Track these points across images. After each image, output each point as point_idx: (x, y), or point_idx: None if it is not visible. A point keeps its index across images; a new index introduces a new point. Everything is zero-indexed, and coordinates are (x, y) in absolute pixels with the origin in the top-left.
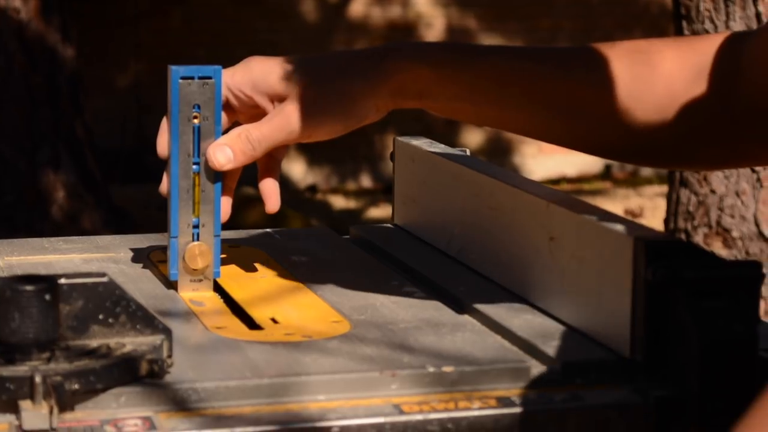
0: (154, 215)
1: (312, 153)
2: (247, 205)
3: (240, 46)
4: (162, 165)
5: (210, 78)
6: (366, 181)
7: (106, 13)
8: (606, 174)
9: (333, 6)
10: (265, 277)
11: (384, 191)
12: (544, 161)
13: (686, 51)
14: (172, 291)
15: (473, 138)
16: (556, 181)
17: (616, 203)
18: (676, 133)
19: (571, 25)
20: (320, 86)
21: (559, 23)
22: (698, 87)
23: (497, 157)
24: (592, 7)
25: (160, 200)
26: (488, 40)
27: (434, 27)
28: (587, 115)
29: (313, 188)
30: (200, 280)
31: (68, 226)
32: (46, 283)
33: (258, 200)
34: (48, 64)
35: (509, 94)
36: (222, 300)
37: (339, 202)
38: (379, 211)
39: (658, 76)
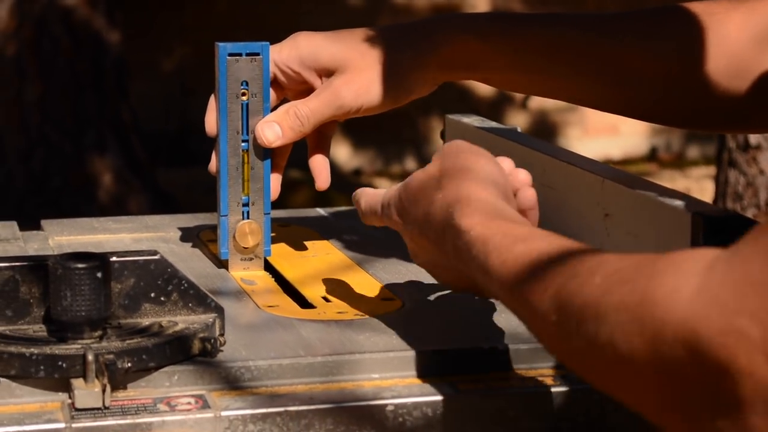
0: (199, 199)
1: (357, 136)
2: (291, 188)
3: (283, 29)
4: (207, 147)
5: (257, 54)
6: (410, 164)
7: None
8: (652, 156)
9: None
10: (316, 256)
11: None
12: (589, 143)
13: (746, 13)
14: (222, 270)
15: (517, 119)
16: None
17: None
18: (734, 96)
19: (616, 7)
20: (368, 59)
21: (604, 4)
22: (758, 50)
23: (541, 138)
24: None
25: (205, 184)
26: None
27: (478, 9)
28: (638, 81)
29: (358, 171)
30: (251, 259)
31: (114, 209)
32: (98, 260)
33: (303, 183)
34: (93, 48)
35: (558, 62)
36: (273, 279)
37: (384, 184)
38: None
39: (717, 39)
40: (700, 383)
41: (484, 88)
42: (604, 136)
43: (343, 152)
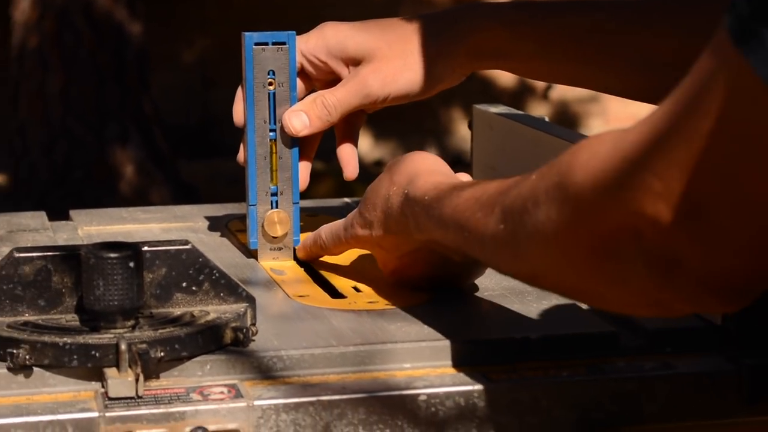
0: (221, 190)
1: (378, 127)
2: (314, 179)
3: (305, 21)
4: (229, 139)
5: (284, 43)
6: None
7: None
8: None
9: None
10: None
11: (450, 164)
12: None
13: None
14: (252, 260)
15: (539, 109)
16: None
17: None
18: None
19: None
20: (395, 49)
21: None
22: None
23: None
24: None
25: (226, 175)
26: None
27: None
28: (669, 68)
29: (379, 162)
30: (280, 249)
31: (136, 201)
32: (130, 250)
33: (325, 173)
34: (115, 40)
35: (585, 49)
36: (302, 268)
37: None
38: None
39: None
40: (621, 237)
41: (505, 78)
42: (626, 125)
43: (364, 143)
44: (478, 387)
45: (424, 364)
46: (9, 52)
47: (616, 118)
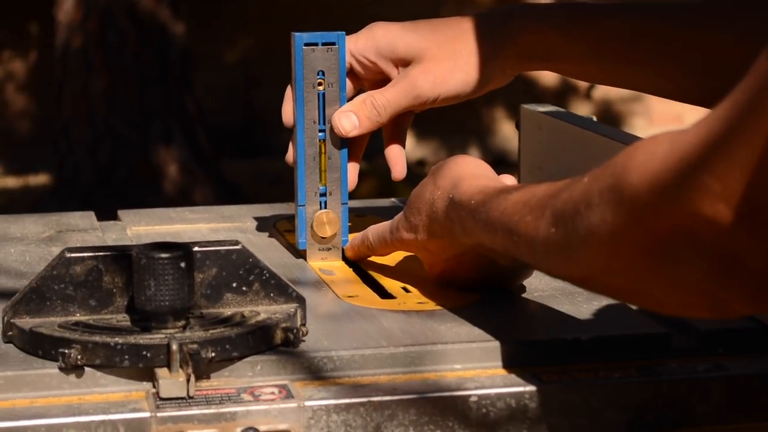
0: (264, 190)
1: (421, 127)
2: (358, 179)
3: (347, 20)
4: (271, 138)
5: (334, 44)
6: (474, 154)
7: None
8: None
9: None
10: None
11: (493, 164)
12: (655, 133)
13: None
14: (300, 260)
15: (582, 109)
16: None
17: None
18: None
19: None
20: (445, 49)
21: None
22: None
23: None
24: None
25: (269, 174)
26: None
27: None
28: (723, 70)
29: (421, 162)
30: (329, 249)
31: (180, 200)
32: (181, 250)
33: (367, 173)
34: (158, 40)
35: (637, 51)
36: (351, 269)
37: None
38: None
39: None
40: (678, 238)
41: (548, 78)
42: (670, 125)
43: (406, 142)
44: (529, 388)
45: (475, 365)
46: (53, 53)
47: (660, 117)
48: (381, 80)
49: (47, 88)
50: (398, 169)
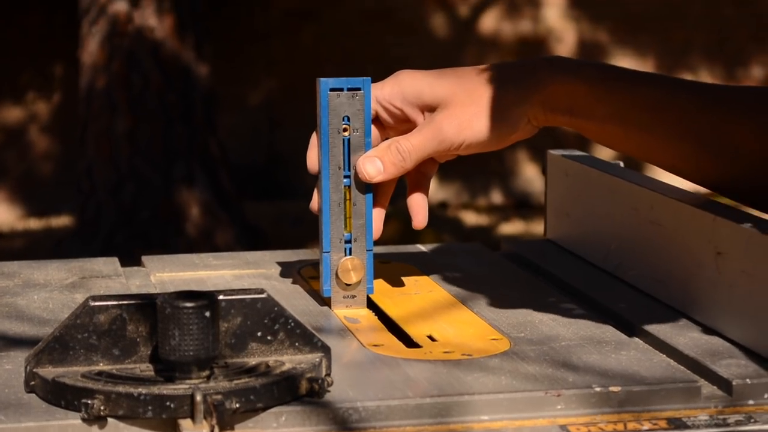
0: (287, 231)
1: (442, 169)
2: None
3: (370, 61)
4: (292, 180)
5: (359, 89)
6: (497, 197)
7: (238, 31)
8: None
9: (463, 21)
10: (419, 293)
11: (515, 207)
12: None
13: None
14: (325, 307)
15: (605, 151)
16: (692, 191)
17: (754, 211)
18: None
19: (703, 38)
20: (470, 95)
21: (691, 36)
22: None
23: (631, 168)
24: (726, 19)
25: (292, 216)
26: (620, 53)
27: (565, 41)
28: (740, 160)
29: (444, 204)
30: (353, 297)
31: (202, 242)
32: (206, 299)
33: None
34: (182, 81)
35: (660, 122)
36: (377, 317)
37: (470, 218)
38: (511, 227)
39: None
40: None
41: None
42: (688, 182)
43: None
44: None
45: (502, 416)
46: (77, 94)
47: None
48: (407, 128)
49: (71, 130)
50: (419, 219)
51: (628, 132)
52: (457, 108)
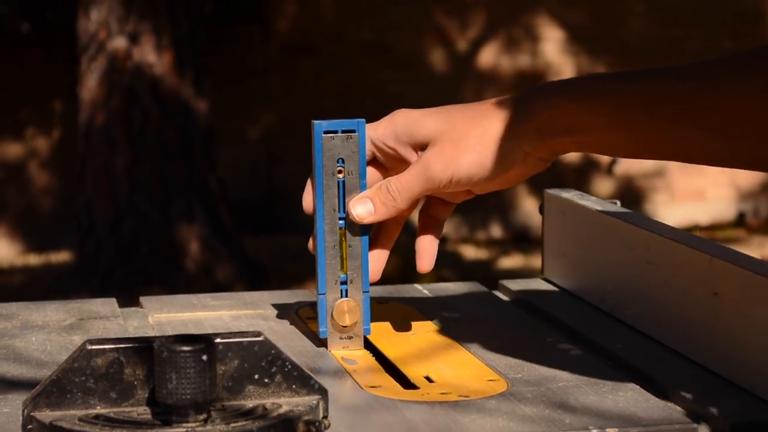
0: (286, 266)
1: None
2: None
3: (369, 96)
4: (291, 215)
5: (353, 131)
6: (496, 231)
7: (237, 66)
8: (740, 221)
9: (461, 56)
10: (416, 334)
11: (514, 241)
12: (676, 209)
13: None
14: (322, 348)
15: (603, 187)
16: (689, 230)
17: (751, 251)
18: None
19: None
20: (459, 131)
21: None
22: None
23: (628, 205)
24: (724, 53)
25: (291, 251)
26: None
27: (563, 76)
28: (748, 128)
29: (443, 239)
30: (350, 338)
31: (202, 278)
32: (203, 343)
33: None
34: (181, 117)
35: (659, 116)
36: (374, 358)
37: (469, 252)
38: (510, 261)
39: None
40: None
41: (569, 156)
42: (691, 201)
43: None
44: None
45: None
46: (76, 130)
47: (681, 193)
48: (405, 168)
49: (70, 166)
50: (424, 263)
51: (631, 133)
52: (445, 144)
